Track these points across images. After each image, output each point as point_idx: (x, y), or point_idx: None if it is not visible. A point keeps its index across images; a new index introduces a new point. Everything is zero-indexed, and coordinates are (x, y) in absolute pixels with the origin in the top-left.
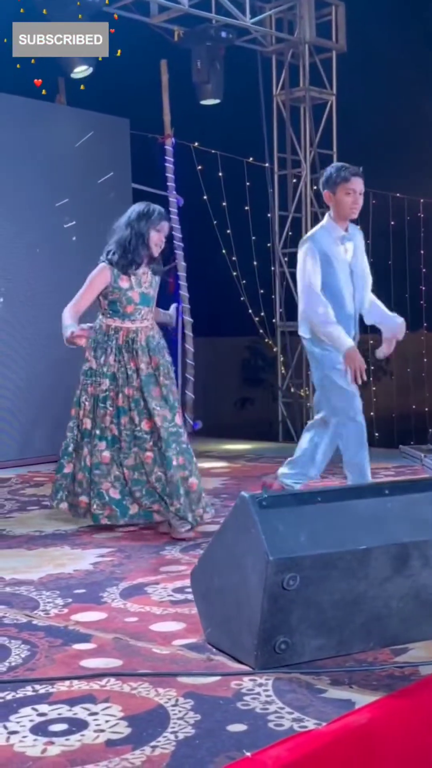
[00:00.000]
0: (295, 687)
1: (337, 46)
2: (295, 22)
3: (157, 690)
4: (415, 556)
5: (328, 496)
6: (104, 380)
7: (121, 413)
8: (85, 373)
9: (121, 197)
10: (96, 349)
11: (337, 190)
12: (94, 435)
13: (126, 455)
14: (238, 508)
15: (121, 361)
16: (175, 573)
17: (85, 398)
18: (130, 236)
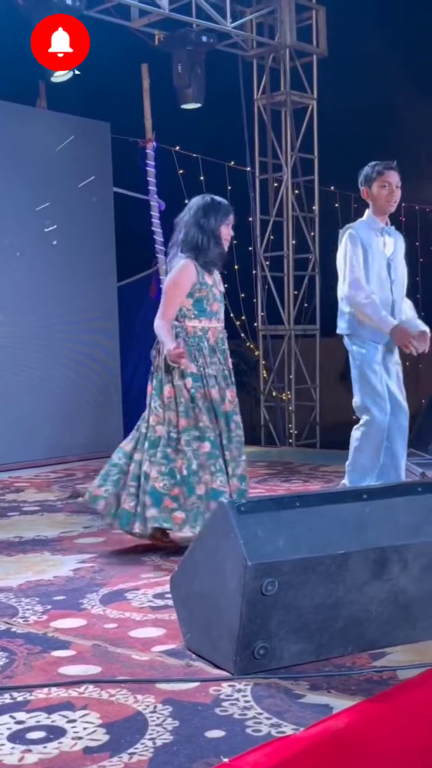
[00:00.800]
0: (274, 692)
1: (318, 50)
2: (275, 26)
3: (135, 697)
4: (394, 561)
5: (307, 500)
6: (212, 381)
7: (221, 415)
8: (190, 377)
9: (102, 201)
10: (187, 352)
11: (373, 184)
12: (194, 437)
13: (238, 463)
14: (217, 514)
15: (216, 363)
16: (156, 579)
17: (201, 402)
18: (202, 235)
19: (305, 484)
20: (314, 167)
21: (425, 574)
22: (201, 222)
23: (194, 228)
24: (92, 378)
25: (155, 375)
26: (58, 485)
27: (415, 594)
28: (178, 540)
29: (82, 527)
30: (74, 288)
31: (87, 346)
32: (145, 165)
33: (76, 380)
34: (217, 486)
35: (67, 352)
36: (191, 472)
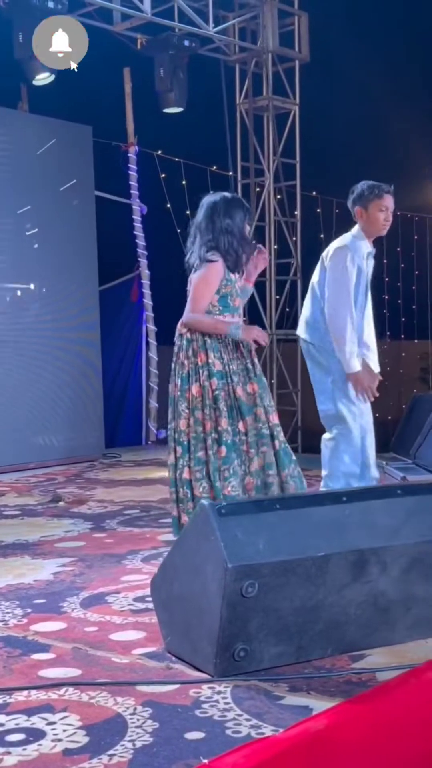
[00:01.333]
0: (254, 694)
1: (300, 55)
2: (258, 31)
3: (115, 699)
4: (373, 563)
5: (287, 503)
6: (236, 377)
7: (246, 412)
8: (215, 376)
9: (83, 205)
10: (213, 349)
11: (370, 206)
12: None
13: (251, 459)
14: (198, 516)
15: (238, 357)
16: (137, 582)
17: (223, 404)
18: (233, 239)
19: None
20: (296, 172)
21: (404, 577)
22: (228, 225)
23: (224, 233)
24: (73, 382)
25: (179, 374)
26: (38, 489)
27: (394, 596)
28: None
29: (62, 531)
30: (55, 291)
31: (68, 350)
32: (127, 169)
33: (56, 384)
34: (228, 492)
35: (47, 356)
36: (214, 476)
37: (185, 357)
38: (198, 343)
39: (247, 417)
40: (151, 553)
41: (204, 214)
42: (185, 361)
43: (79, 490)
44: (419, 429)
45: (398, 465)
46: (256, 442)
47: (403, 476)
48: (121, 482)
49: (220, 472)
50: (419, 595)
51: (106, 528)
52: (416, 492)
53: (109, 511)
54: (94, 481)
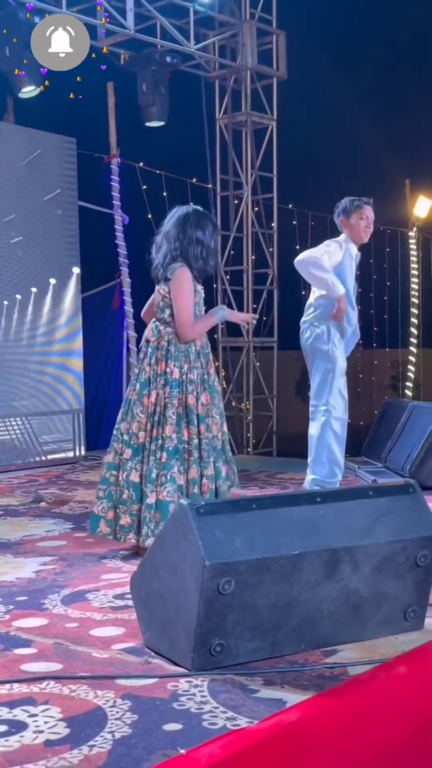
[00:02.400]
0: (229, 687)
1: (278, 73)
2: (237, 49)
3: (95, 692)
4: (346, 561)
5: (263, 503)
6: (192, 386)
7: (200, 421)
8: (170, 385)
9: (67, 214)
10: (174, 358)
11: (352, 216)
12: (157, 446)
13: (206, 465)
14: (177, 515)
15: (198, 367)
16: (116, 580)
17: (172, 412)
18: (201, 249)
19: (262, 490)
20: (273, 185)
21: (375, 575)
22: (198, 236)
23: (194, 242)
24: (56, 387)
25: (139, 379)
26: (20, 491)
27: (365, 594)
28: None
29: (44, 531)
30: (39, 298)
31: (51, 355)
32: (110, 180)
33: (39, 388)
34: (163, 497)
35: (31, 361)
36: (149, 480)
37: (147, 364)
38: (162, 352)
39: (192, 426)
40: (130, 553)
41: (173, 223)
42: (147, 367)
43: (61, 491)
44: (390, 434)
45: (369, 468)
46: (207, 450)
47: (374, 479)
48: None
49: (158, 478)
50: (389, 593)
51: (87, 528)
52: (387, 494)
53: (89, 511)
54: (75, 483)
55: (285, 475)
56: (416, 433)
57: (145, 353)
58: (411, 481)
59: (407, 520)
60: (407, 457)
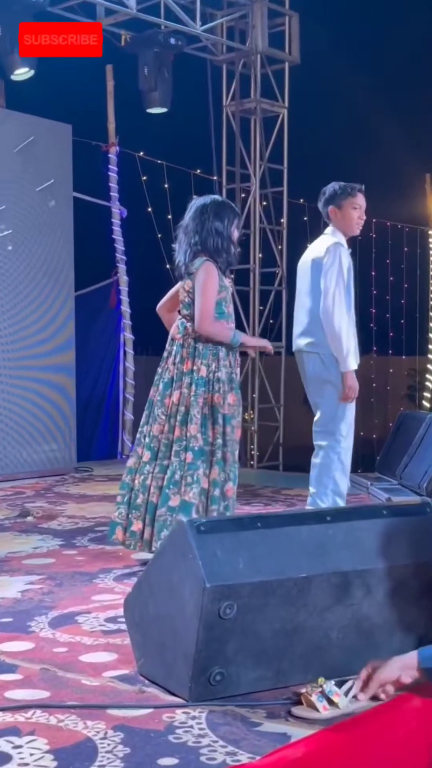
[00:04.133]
0: (230, 720)
1: (290, 57)
2: (247, 31)
3: (85, 722)
4: (357, 585)
5: (269, 521)
6: (219, 385)
7: (225, 422)
8: (196, 383)
9: (61, 206)
10: (201, 356)
11: (344, 204)
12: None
13: (232, 468)
14: (175, 533)
15: (227, 365)
16: (109, 602)
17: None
18: (221, 240)
19: (266, 507)
20: (283, 178)
21: (389, 600)
22: (217, 227)
23: (213, 234)
24: (45, 393)
25: (162, 379)
26: (6, 504)
27: (378, 620)
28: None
29: (30, 547)
30: (29, 296)
31: (41, 358)
32: (107, 170)
33: (27, 395)
34: (189, 498)
35: (19, 364)
36: (172, 483)
37: (172, 363)
38: (188, 350)
39: (218, 426)
40: (123, 572)
41: (192, 215)
42: (171, 366)
43: (49, 505)
44: (405, 448)
45: (383, 486)
46: (232, 452)
47: (388, 497)
48: (94, 497)
49: (183, 479)
50: (403, 620)
51: (77, 545)
52: (402, 513)
53: (80, 527)
54: (64, 496)
55: (291, 491)
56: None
57: (170, 351)
58: (428, 500)
59: (423, 541)
60: (424, 473)
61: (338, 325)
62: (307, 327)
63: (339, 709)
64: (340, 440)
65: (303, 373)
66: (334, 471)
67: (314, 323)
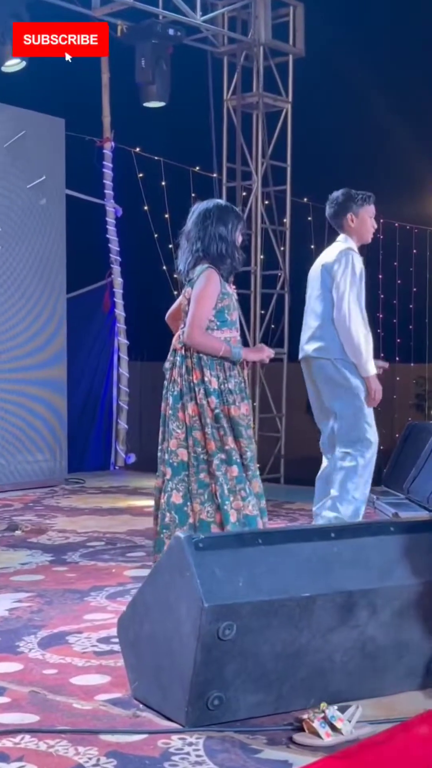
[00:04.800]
0: (228, 746)
1: (295, 50)
2: (249, 21)
3: (76, 748)
4: (362, 606)
5: (270, 538)
6: (232, 396)
7: (240, 433)
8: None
9: (53, 204)
10: (209, 367)
11: (361, 212)
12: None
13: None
14: (173, 549)
15: (235, 375)
16: (101, 621)
17: (225, 422)
18: (225, 245)
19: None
20: (287, 176)
21: (395, 622)
22: (221, 232)
23: (216, 239)
24: (34, 400)
25: (171, 392)
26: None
27: (384, 643)
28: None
29: (19, 563)
30: (19, 299)
31: (31, 362)
32: (102, 166)
33: (16, 404)
34: (249, 512)
35: (7, 367)
36: (224, 499)
37: (178, 374)
38: (193, 359)
39: (241, 439)
40: (117, 590)
41: (194, 221)
42: (178, 378)
43: (38, 519)
44: (413, 461)
45: (390, 500)
46: (254, 463)
47: (395, 512)
48: (85, 511)
49: (235, 493)
50: (412, 643)
51: (68, 561)
52: (410, 530)
53: (71, 542)
54: (54, 509)
55: (294, 506)
56: None
57: (173, 362)
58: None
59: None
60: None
61: (355, 331)
62: (316, 332)
63: (342, 735)
64: (368, 446)
65: (312, 379)
66: (359, 477)
67: (324, 328)
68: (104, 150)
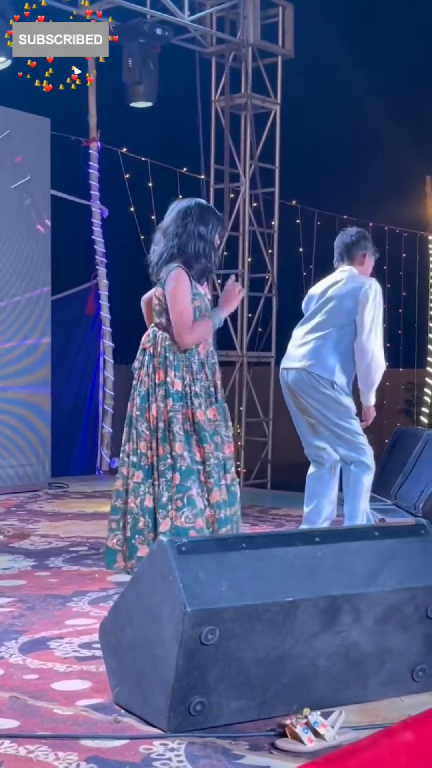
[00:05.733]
0: (210, 752)
1: (284, 51)
2: (238, 22)
3: (56, 754)
4: (346, 611)
5: (254, 542)
6: (198, 400)
7: (205, 439)
8: (172, 397)
9: (37, 205)
10: (174, 367)
11: (371, 258)
12: (167, 465)
13: (210, 490)
14: (155, 553)
15: (202, 378)
16: (83, 627)
17: (178, 428)
18: (203, 245)
19: (253, 528)
20: (275, 178)
21: (380, 627)
22: (201, 230)
23: (195, 237)
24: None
25: (138, 392)
26: None
27: (367, 648)
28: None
29: (1, 568)
30: (2, 300)
31: (14, 365)
32: (88, 167)
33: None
34: (181, 523)
35: None
36: (161, 506)
37: (145, 374)
38: (159, 359)
39: (206, 444)
40: (99, 595)
41: (173, 217)
42: (145, 378)
43: (21, 523)
44: (401, 467)
45: (377, 506)
46: (217, 471)
47: (382, 518)
48: (68, 515)
49: (173, 502)
50: (395, 648)
51: (50, 566)
52: (395, 535)
53: (53, 547)
54: (37, 513)
55: (280, 511)
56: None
57: (142, 362)
58: (423, 522)
59: (417, 565)
60: (420, 493)
61: (378, 363)
62: (320, 351)
63: (325, 741)
64: (367, 459)
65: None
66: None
67: (334, 350)
68: (90, 150)
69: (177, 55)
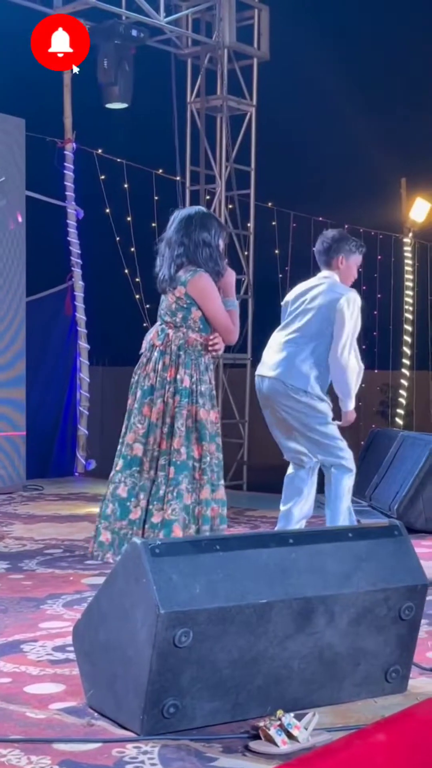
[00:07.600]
0: (184, 755)
1: (259, 53)
2: (213, 23)
3: (29, 758)
4: (320, 612)
5: (228, 544)
6: (202, 399)
7: (206, 438)
8: (180, 393)
9: (12, 206)
10: (185, 365)
11: (351, 259)
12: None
13: (216, 488)
14: (128, 555)
15: (207, 381)
16: (57, 630)
17: (181, 424)
18: (211, 251)
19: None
20: (250, 181)
21: (353, 628)
22: (205, 237)
23: (201, 245)
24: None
25: (141, 386)
26: None
27: (341, 650)
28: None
29: None
30: None
31: None
32: (63, 168)
33: None
34: (168, 516)
35: None
36: (157, 498)
37: (152, 369)
38: (171, 357)
39: (205, 442)
40: (73, 598)
41: (176, 227)
42: (152, 374)
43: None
44: (376, 468)
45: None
46: (216, 471)
47: (357, 519)
48: (43, 518)
49: (166, 495)
50: (369, 650)
51: (24, 569)
52: (369, 536)
53: (27, 549)
54: (11, 516)
55: (256, 512)
56: (406, 468)
57: (149, 358)
58: (397, 523)
59: (391, 567)
60: (395, 495)
61: (351, 373)
62: (291, 360)
63: (299, 743)
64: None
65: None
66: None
67: (303, 360)
68: (65, 151)
69: (152, 57)
